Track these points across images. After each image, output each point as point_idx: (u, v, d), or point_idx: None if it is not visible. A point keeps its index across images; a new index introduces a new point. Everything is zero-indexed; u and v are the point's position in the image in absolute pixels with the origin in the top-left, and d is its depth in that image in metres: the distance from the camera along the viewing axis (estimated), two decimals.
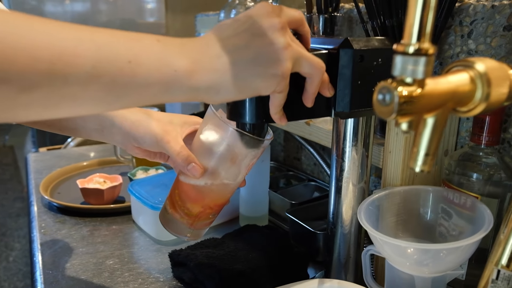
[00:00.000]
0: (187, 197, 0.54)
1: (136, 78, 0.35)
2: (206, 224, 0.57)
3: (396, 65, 0.29)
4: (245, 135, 0.48)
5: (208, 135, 0.51)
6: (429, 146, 0.32)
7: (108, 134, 0.57)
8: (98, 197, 0.89)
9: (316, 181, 0.96)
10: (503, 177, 0.54)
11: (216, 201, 0.55)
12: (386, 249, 0.51)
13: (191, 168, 0.51)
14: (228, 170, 0.51)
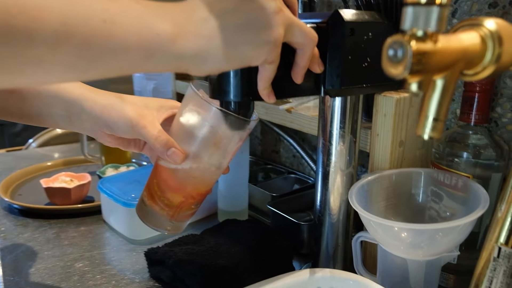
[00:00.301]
0: (167, 187, 0.50)
1: (112, 40, 0.30)
2: (188, 215, 0.53)
3: (407, 18, 0.27)
4: (230, 115, 0.45)
5: (189, 117, 0.47)
6: (438, 110, 0.30)
7: (77, 120, 0.51)
8: (65, 197, 0.82)
9: (296, 173, 0.93)
10: (493, 156, 0.53)
11: (199, 190, 0.50)
12: (380, 233, 0.48)
13: (171, 153, 0.47)
14: (211, 155, 0.47)
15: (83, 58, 0.30)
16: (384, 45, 0.27)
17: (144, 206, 0.52)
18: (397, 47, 0.26)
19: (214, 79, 0.44)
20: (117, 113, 0.50)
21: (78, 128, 0.53)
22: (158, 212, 0.51)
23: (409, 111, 0.57)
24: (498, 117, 0.57)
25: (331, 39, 0.45)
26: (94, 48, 0.30)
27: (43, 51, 0.28)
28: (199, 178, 0.49)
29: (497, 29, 0.30)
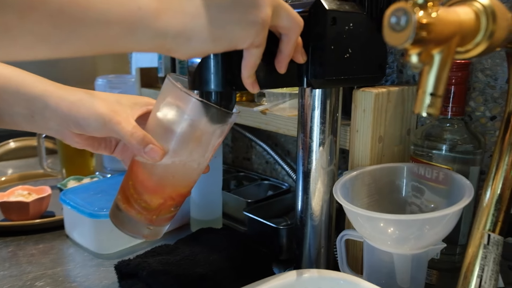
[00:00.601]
0: (144, 188, 0.46)
1: (91, 10, 0.27)
2: (167, 219, 0.49)
3: None
4: (211, 107, 0.42)
5: (167, 111, 0.44)
6: (436, 85, 0.29)
7: (40, 119, 0.46)
8: (22, 212, 0.76)
9: (270, 179, 0.92)
10: (470, 148, 0.54)
11: (179, 190, 0.47)
12: (367, 227, 0.47)
13: (149, 150, 0.43)
14: (192, 151, 0.44)
15: (57, 28, 0.27)
16: (385, 14, 0.26)
17: (119, 211, 0.48)
18: (400, 14, 0.25)
19: (193, 68, 0.41)
20: (87, 110, 0.45)
21: (42, 128, 0.48)
22: (134, 217, 0.47)
23: (387, 106, 0.57)
24: (471, 111, 0.58)
25: (313, 28, 0.44)
26: (70, 18, 0.27)
27: (11, 17, 0.24)
28: (179, 177, 0.46)
29: (491, 5, 0.30)
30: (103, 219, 0.66)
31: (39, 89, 0.46)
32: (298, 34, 0.40)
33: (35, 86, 0.47)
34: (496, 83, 0.55)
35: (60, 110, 0.46)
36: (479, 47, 0.31)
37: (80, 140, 0.49)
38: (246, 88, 0.41)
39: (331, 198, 0.56)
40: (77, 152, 0.99)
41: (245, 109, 0.74)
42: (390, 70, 0.67)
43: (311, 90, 0.51)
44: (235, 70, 0.40)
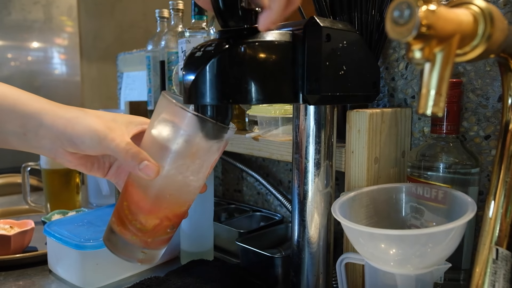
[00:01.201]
0: (139, 209, 0.44)
1: None
2: (163, 241, 0.47)
3: None
4: (207, 121, 0.41)
5: (161, 127, 0.43)
6: (440, 84, 0.28)
7: (34, 137, 0.45)
8: (3, 246, 0.72)
9: (261, 211, 0.89)
10: (468, 165, 0.53)
11: (175, 210, 0.45)
12: (369, 246, 0.45)
13: (144, 167, 0.42)
14: (188, 169, 0.43)
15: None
16: (388, 8, 0.26)
17: (113, 234, 0.46)
18: (404, 7, 0.25)
19: (189, 82, 0.41)
20: (83, 127, 0.44)
21: (35, 146, 0.47)
22: (129, 240, 0.44)
23: (381, 126, 0.57)
24: (465, 131, 0.58)
25: (308, 44, 0.44)
26: None
27: None
28: (175, 196, 0.44)
29: (488, 8, 0.30)
30: (89, 251, 0.63)
31: (34, 107, 0.46)
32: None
33: (31, 104, 0.46)
34: (488, 103, 0.56)
35: (55, 128, 0.45)
36: (477, 50, 0.31)
37: (73, 159, 0.47)
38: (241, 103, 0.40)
39: (328, 223, 0.55)
40: (63, 187, 0.96)
41: (237, 136, 0.73)
42: (381, 94, 0.67)
43: (306, 110, 0.51)
44: (230, 84, 0.39)
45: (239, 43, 0.41)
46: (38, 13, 1.86)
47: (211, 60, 0.40)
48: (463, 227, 0.44)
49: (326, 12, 0.61)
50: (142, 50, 1.25)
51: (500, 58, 0.39)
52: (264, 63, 0.42)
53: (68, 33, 1.94)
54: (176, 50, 0.93)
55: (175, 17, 0.98)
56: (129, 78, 1.32)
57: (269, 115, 0.68)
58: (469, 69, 0.57)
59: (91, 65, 1.98)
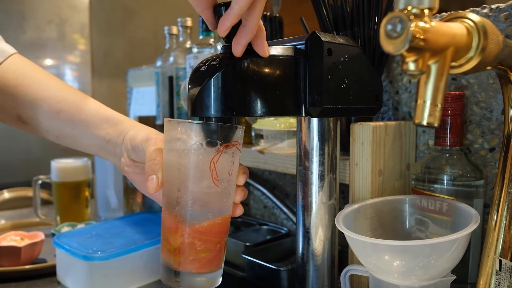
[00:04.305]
0: (164, 227, 0.44)
1: None
2: (195, 262, 0.44)
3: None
4: (210, 124, 0.42)
5: (170, 147, 0.44)
6: (435, 94, 0.29)
7: (112, 145, 0.54)
8: (13, 257, 0.73)
9: (268, 224, 0.89)
10: (472, 177, 0.53)
11: (193, 225, 0.45)
12: (373, 257, 0.45)
13: (149, 179, 0.43)
14: (198, 181, 0.43)
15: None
16: (382, 22, 0.27)
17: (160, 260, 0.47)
18: (396, 21, 0.26)
19: (194, 95, 0.42)
20: (144, 130, 0.52)
21: (109, 152, 0.55)
22: (166, 262, 0.45)
23: (385, 139, 0.57)
24: (470, 144, 0.59)
25: (310, 58, 0.45)
26: None
27: None
28: (190, 211, 0.44)
29: (481, 21, 0.31)
30: (97, 262, 0.64)
31: (124, 122, 0.56)
32: (262, 5, 0.40)
33: (120, 119, 0.56)
34: (492, 115, 0.56)
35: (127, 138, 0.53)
36: (472, 62, 0.32)
37: (132, 167, 0.53)
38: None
39: (332, 235, 0.55)
40: (72, 200, 0.98)
41: (243, 150, 0.74)
42: (385, 108, 0.68)
43: (309, 123, 0.52)
44: (234, 96, 0.41)
45: (243, 57, 0.42)
46: (51, 32, 1.91)
47: (216, 74, 0.41)
48: (467, 239, 0.44)
49: (329, 28, 0.62)
50: (152, 66, 1.27)
51: (499, 70, 0.39)
52: (267, 77, 0.44)
53: (80, 50, 1.99)
54: (184, 66, 0.95)
55: (183, 33, 1.01)
56: (139, 93, 1.35)
57: (274, 128, 0.69)
58: (472, 82, 0.58)
59: (102, 82, 2.02)
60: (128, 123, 0.56)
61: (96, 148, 0.57)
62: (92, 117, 0.56)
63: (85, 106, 0.57)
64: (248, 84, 0.42)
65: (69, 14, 1.94)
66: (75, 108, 0.56)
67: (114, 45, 2.07)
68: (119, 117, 0.57)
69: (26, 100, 0.56)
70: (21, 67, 0.58)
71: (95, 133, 0.55)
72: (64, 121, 0.56)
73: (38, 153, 1.73)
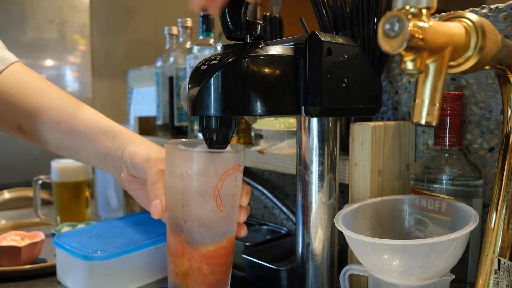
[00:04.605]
0: (170, 252, 0.45)
1: None
2: (208, 286, 0.45)
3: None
4: (210, 153, 0.43)
5: (174, 169, 0.44)
6: (433, 94, 0.29)
7: (111, 159, 0.54)
8: (13, 257, 0.73)
9: (268, 224, 0.90)
10: (471, 177, 0.53)
11: (199, 250, 0.44)
12: (372, 257, 0.45)
13: (153, 203, 0.44)
14: (203, 205, 0.43)
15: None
16: (380, 22, 0.27)
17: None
18: (394, 21, 0.26)
19: (194, 94, 0.42)
20: (144, 146, 0.51)
21: (109, 165, 0.55)
22: (174, 284, 0.45)
23: (384, 139, 0.57)
24: (469, 144, 0.59)
25: (309, 58, 0.46)
26: None
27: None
28: (195, 236, 0.44)
29: (479, 21, 0.31)
30: (97, 262, 0.64)
31: (123, 135, 0.55)
32: None
33: (120, 131, 0.56)
34: (491, 115, 0.56)
35: (127, 153, 0.53)
36: (470, 61, 0.32)
37: (132, 182, 0.53)
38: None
39: (332, 235, 0.55)
40: (73, 200, 0.98)
41: None
42: (385, 108, 0.68)
43: (309, 123, 0.52)
44: (234, 95, 0.41)
45: (242, 56, 0.42)
46: (52, 32, 1.92)
47: (215, 73, 0.42)
48: (466, 238, 0.44)
49: (329, 28, 0.62)
50: (152, 66, 1.28)
51: (498, 70, 0.39)
52: (267, 76, 0.44)
53: (81, 51, 1.99)
54: (184, 66, 0.95)
55: (183, 34, 1.01)
56: (139, 94, 1.35)
57: (274, 128, 0.69)
58: (471, 82, 0.58)
59: (102, 82, 2.02)
60: (127, 135, 0.55)
61: (96, 161, 0.57)
62: (91, 128, 0.56)
63: (84, 117, 0.56)
64: (248, 84, 0.43)
65: (70, 15, 1.94)
66: (75, 119, 0.56)
67: (115, 46, 2.07)
68: (118, 129, 0.56)
69: (26, 110, 0.56)
70: (22, 76, 0.58)
71: (94, 145, 0.55)
72: (64, 132, 0.56)
73: (39, 153, 1.73)
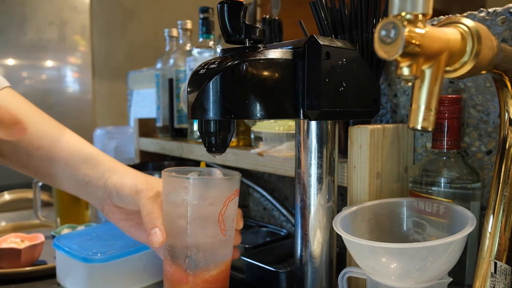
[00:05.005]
0: (170, 280, 0.45)
1: None
2: None
3: (395, 3, 0.27)
4: (205, 180, 0.43)
5: (173, 197, 0.44)
6: (429, 99, 0.30)
7: (92, 187, 0.53)
8: (13, 259, 0.73)
9: (268, 226, 0.90)
10: (469, 180, 0.54)
11: (208, 277, 0.44)
12: (370, 259, 0.45)
13: (153, 233, 0.44)
14: (209, 232, 0.43)
15: None
16: (376, 28, 0.28)
17: None
18: (390, 27, 0.26)
19: (193, 98, 0.42)
20: (128, 179, 0.51)
21: (89, 194, 0.54)
22: None
23: (383, 142, 0.58)
24: (467, 147, 0.59)
25: (308, 62, 0.46)
26: None
27: None
28: (198, 262, 0.44)
29: (475, 27, 0.31)
30: (96, 264, 0.64)
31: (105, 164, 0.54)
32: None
33: (102, 160, 0.54)
34: (489, 118, 0.57)
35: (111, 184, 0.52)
36: (466, 66, 0.32)
37: (117, 212, 0.53)
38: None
39: (330, 237, 0.55)
40: (73, 201, 0.98)
41: (242, 152, 0.74)
42: (384, 111, 0.69)
43: (308, 126, 0.52)
44: (233, 99, 0.41)
45: (241, 60, 0.43)
46: (52, 33, 1.92)
47: (214, 77, 0.42)
48: (463, 241, 0.44)
49: (328, 31, 0.63)
50: (152, 68, 1.28)
51: (495, 74, 0.40)
52: (265, 80, 0.44)
53: (81, 52, 2.00)
54: (184, 68, 0.96)
55: (183, 36, 1.01)
56: (139, 95, 1.36)
57: (273, 131, 0.70)
58: (469, 85, 0.58)
59: (102, 83, 2.03)
60: (108, 164, 0.55)
61: (76, 189, 0.56)
62: (72, 155, 0.55)
63: (65, 143, 0.56)
64: (247, 87, 0.43)
65: (70, 16, 1.95)
66: (55, 145, 0.55)
67: (115, 47, 2.08)
68: (98, 157, 0.55)
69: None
70: (11, 101, 0.57)
71: (74, 173, 0.54)
72: (44, 158, 0.55)
73: None
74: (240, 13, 0.44)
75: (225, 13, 0.44)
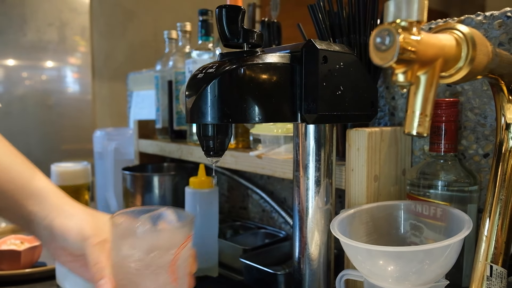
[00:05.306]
0: None
1: None
2: None
3: (389, 10, 0.28)
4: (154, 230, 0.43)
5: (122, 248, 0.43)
6: (424, 105, 0.30)
7: (37, 226, 0.50)
8: (13, 261, 0.74)
9: (266, 228, 0.90)
10: (466, 183, 0.54)
11: None
12: (367, 263, 0.46)
13: (101, 284, 0.43)
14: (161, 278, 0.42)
15: None
16: (371, 35, 0.28)
17: None
18: (385, 34, 0.27)
19: (191, 102, 0.43)
20: (76, 220, 0.48)
21: (36, 232, 0.51)
22: None
23: (380, 145, 0.58)
24: (464, 150, 0.59)
25: (305, 66, 0.46)
26: None
27: None
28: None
29: (470, 33, 0.32)
30: None
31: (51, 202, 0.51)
32: None
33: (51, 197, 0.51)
34: (486, 121, 0.57)
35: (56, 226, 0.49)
36: (461, 72, 0.33)
37: (64, 254, 0.50)
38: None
39: (328, 240, 0.55)
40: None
41: (241, 154, 0.75)
42: (382, 113, 0.69)
43: (306, 129, 0.53)
44: (231, 103, 0.41)
45: (239, 65, 0.43)
46: (52, 34, 1.92)
47: (212, 81, 0.42)
48: (460, 244, 0.44)
49: (326, 35, 0.63)
50: (151, 70, 1.28)
51: (491, 79, 0.40)
52: (263, 84, 0.44)
53: (81, 53, 2.00)
54: (183, 70, 0.96)
55: (182, 38, 1.02)
56: (139, 97, 1.36)
57: (272, 133, 0.70)
58: (466, 89, 0.59)
59: (102, 84, 2.03)
60: (55, 201, 0.51)
61: (23, 226, 0.52)
62: (20, 189, 0.51)
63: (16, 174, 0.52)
64: (245, 92, 0.43)
65: (70, 17, 1.95)
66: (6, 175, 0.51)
67: (115, 48, 2.08)
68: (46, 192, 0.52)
69: None
70: None
71: (20, 208, 0.51)
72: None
73: (38, 157, 1.74)
74: (238, 18, 0.45)
75: (223, 18, 0.44)
